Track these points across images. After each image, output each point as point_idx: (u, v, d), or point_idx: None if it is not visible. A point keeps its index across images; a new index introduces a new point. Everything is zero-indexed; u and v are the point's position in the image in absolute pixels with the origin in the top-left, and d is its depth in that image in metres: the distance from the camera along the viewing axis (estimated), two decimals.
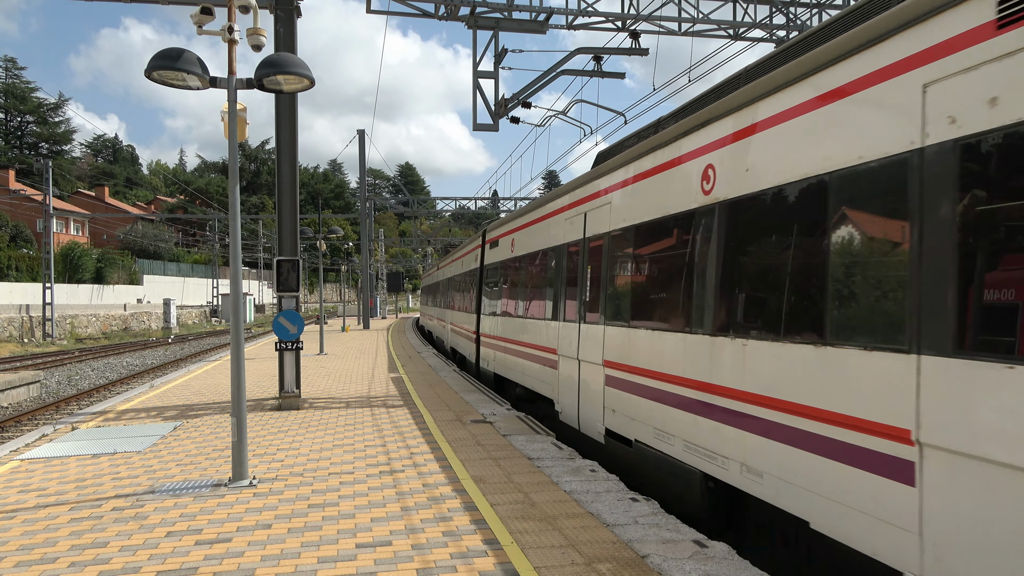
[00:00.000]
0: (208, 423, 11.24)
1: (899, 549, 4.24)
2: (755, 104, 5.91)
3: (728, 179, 6.25)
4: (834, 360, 4.80)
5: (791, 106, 5.45)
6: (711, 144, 6.59)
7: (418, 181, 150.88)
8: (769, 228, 5.69)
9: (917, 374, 4.14)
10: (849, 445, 4.64)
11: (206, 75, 7.25)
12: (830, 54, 5.07)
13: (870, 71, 4.66)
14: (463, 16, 15.04)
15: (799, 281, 5.25)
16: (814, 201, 5.11)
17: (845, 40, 4.95)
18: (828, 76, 5.07)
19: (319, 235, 29.36)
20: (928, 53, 4.18)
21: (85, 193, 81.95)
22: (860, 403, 4.57)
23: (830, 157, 4.96)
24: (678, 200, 7.15)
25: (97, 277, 55.16)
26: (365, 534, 5.86)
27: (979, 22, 3.84)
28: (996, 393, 3.64)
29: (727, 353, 6.06)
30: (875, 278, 4.53)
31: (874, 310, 4.52)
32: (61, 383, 23.15)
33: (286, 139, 13.25)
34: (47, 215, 42.93)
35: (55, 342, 40.33)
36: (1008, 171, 3.67)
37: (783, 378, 5.35)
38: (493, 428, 10.48)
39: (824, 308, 4.92)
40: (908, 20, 4.36)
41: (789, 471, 5.24)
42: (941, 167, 4.02)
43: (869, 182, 4.60)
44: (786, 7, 16.84)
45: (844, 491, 4.68)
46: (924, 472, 4.07)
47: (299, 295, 12.85)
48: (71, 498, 7.05)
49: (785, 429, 5.29)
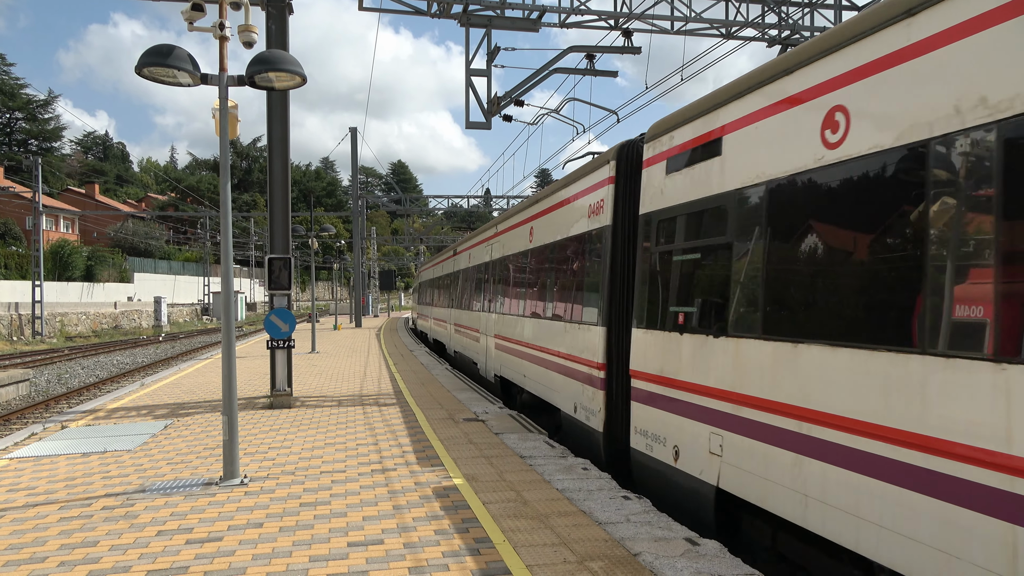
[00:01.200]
0: (199, 422, 11.19)
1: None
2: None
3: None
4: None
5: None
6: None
7: (410, 179, 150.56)
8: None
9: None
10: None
11: (197, 72, 7.21)
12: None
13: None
14: (456, 14, 15.01)
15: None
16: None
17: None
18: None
19: (311, 233, 29.28)
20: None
21: (75, 190, 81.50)
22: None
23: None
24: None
25: (87, 275, 54.84)
26: (357, 533, 5.85)
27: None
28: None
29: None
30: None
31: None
32: (51, 381, 23.01)
33: (278, 136, 13.20)
34: (36, 212, 42.64)
35: (44, 340, 40.07)
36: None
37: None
38: (485, 426, 10.48)
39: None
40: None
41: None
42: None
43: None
44: (778, 6, 16.89)
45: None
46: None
47: (291, 293, 12.81)
48: (61, 497, 7.00)
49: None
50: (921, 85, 4.25)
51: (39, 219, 42.62)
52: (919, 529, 4.05)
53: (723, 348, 6.04)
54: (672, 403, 6.95)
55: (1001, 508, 3.59)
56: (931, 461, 3.99)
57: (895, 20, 4.47)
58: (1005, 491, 3.57)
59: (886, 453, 4.28)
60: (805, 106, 5.27)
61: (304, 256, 77.67)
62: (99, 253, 58.83)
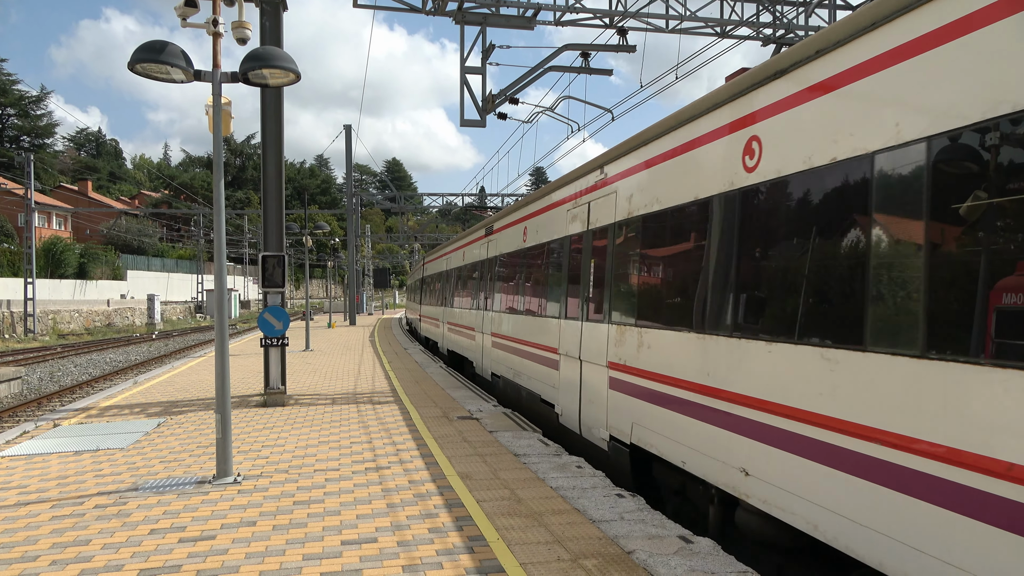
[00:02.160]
0: (192, 420, 11.16)
1: None
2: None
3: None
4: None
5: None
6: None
7: (405, 177, 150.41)
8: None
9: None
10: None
11: (190, 68, 7.17)
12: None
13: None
14: (451, 11, 14.99)
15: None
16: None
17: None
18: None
19: (305, 231, 29.21)
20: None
21: (68, 187, 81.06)
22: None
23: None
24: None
25: (80, 272, 54.63)
26: (351, 531, 5.84)
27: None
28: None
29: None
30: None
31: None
32: (43, 379, 22.90)
33: (272, 133, 13.15)
34: (29, 209, 42.40)
35: (37, 338, 39.88)
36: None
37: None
38: (480, 424, 10.47)
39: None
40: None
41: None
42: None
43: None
44: (773, 5, 16.91)
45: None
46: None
47: (285, 291, 12.77)
48: (53, 496, 6.97)
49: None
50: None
51: (31, 216, 42.38)
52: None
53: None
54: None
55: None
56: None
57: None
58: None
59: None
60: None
61: (298, 254, 77.61)
62: (92, 250, 58.61)
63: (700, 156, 6.59)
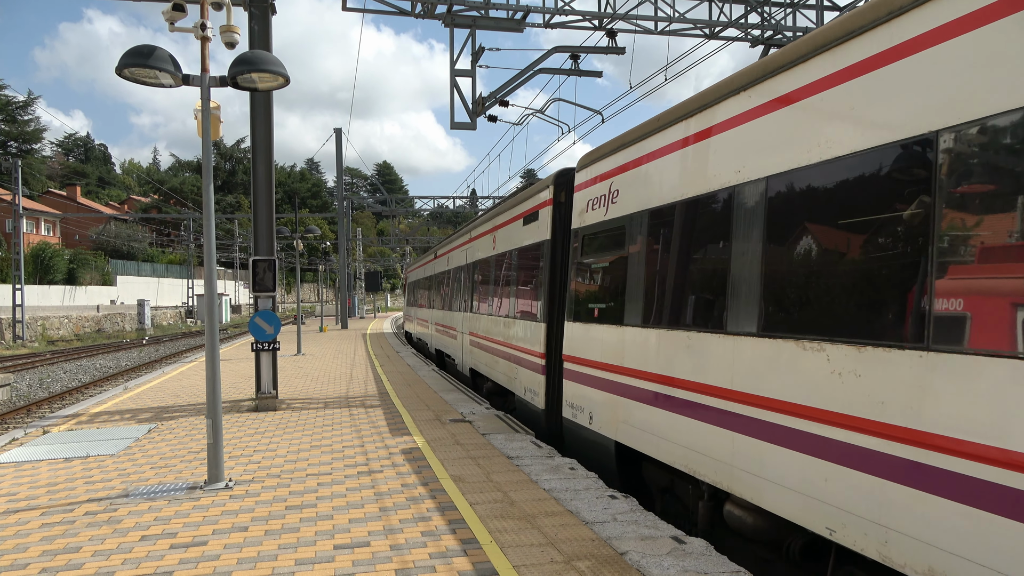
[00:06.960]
0: (183, 425, 11.10)
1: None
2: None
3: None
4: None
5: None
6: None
7: (396, 180, 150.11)
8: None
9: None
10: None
11: (179, 73, 7.15)
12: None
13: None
14: (440, 14, 15.00)
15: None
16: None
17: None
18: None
19: (296, 234, 29.12)
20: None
21: (56, 193, 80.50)
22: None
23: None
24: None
25: (69, 278, 54.28)
26: (343, 535, 5.82)
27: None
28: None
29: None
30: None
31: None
32: (32, 386, 22.73)
33: (261, 137, 13.12)
34: (16, 215, 42.09)
35: (26, 344, 39.59)
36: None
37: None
38: (472, 427, 10.46)
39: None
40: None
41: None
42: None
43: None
44: (761, 6, 17.00)
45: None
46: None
47: (276, 295, 12.74)
48: (42, 503, 6.92)
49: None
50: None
51: (19, 222, 42.07)
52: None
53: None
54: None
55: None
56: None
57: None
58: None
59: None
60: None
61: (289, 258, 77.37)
62: (81, 256, 58.21)
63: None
